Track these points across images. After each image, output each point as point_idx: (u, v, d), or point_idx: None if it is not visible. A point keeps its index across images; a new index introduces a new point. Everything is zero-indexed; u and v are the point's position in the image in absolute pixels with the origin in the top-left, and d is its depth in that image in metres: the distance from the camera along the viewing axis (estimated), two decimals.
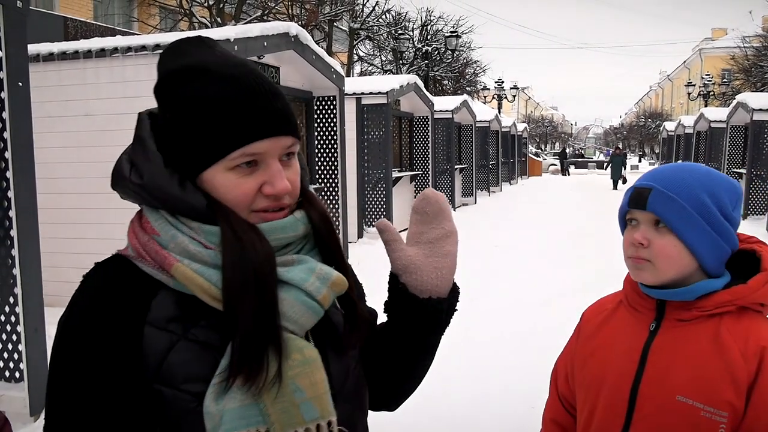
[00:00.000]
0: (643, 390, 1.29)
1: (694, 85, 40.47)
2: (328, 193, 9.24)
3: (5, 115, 3.79)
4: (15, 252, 3.85)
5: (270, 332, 0.89)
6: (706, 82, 37.42)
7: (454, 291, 1.09)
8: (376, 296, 1.17)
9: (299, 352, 0.91)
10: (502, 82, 35.57)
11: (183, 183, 0.93)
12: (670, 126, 31.57)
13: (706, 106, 33.53)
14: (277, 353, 0.89)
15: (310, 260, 0.97)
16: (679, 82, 63.99)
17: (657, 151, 52.70)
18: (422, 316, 1.06)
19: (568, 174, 40.44)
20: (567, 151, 46.37)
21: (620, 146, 20.61)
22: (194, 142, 0.93)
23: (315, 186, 9.06)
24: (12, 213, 3.82)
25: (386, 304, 1.10)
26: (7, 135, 3.79)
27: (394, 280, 1.08)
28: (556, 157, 44.90)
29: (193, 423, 0.88)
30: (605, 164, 22.19)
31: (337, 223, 9.23)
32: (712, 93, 37.13)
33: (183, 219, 0.93)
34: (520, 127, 32.19)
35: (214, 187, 0.94)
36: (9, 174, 3.79)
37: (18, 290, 3.86)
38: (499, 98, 35.08)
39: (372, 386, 1.13)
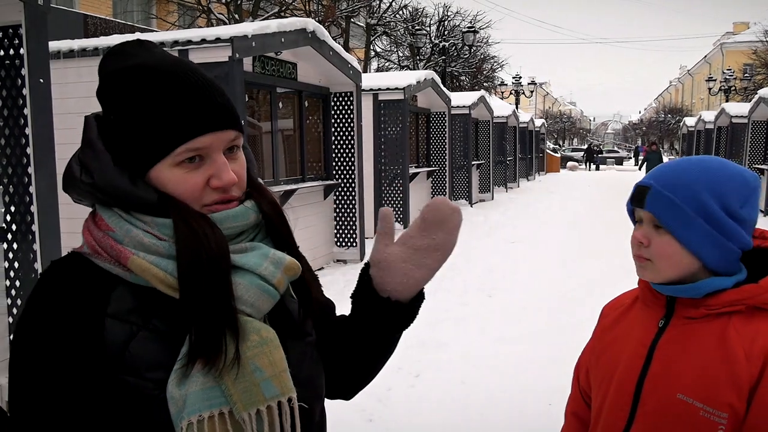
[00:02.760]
0: (647, 386, 1.28)
1: (715, 80, 39.95)
2: (345, 189, 9.26)
3: (27, 111, 3.84)
4: (36, 247, 3.91)
5: (226, 316, 0.92)
6: (728, 77, 36.91)
7: (417, 300, 1.11)
8: None
9: (256, 333, 0.94)
10: (520, 77, 35.41)
11: (134, 180, 0.96)
12: (690, 121, 31.18)
13: (727, 101, 33.06)
14: (234, 335, 0.92)
15: (263, 246, 1.00)
16: (699, 77, 63.25)
17: (676, 147, 52.14)
18: (377, 311, 1.09)
19: (598, 169, 41.14)
20: (593, 147, 47.01)
21: (656, 142, 19.14)
22: (139, 141, 0.95)
23: (332, 182, 9.09)
24: (34, 208, 3.87)
25: (353, 291, 1.14)
26: (28, 131, 3.84)
27: (366, 270, 1.12)
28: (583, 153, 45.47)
29: (157, 410, 0.90)
30: (640, 163, 20.38)
31: (353, 218, 9.25)
32: (733, 88, 36.63)
33: (136, 214, 0.96)
34: (538, 122, 32.01)
35: (163, 184, 0.96)
36: (31, 170, 3.85)
37: None
38: (517, 94, 34.92)
39: (329, 374, 1.15)
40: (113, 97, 0.98)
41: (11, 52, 3.87)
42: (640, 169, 17.10)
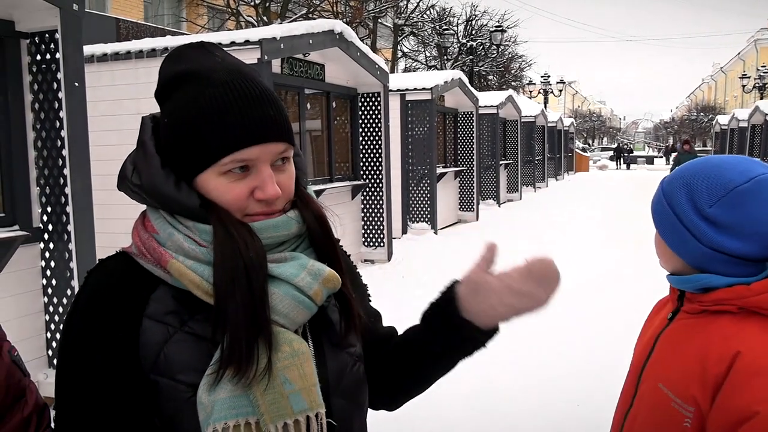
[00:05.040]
0: (644, 375, 1.35)
1: (749, 77, 39.18)
2: (373, 190, 9.29)
3: (63, 114, 3.93)
4: (72, 246, 4.00)
5: (260, 325, 0.91)
6: (762, 73, 36.16)
7: (490, 333, 1.11)
8: (418, 290, 1.17)
9: (288, 344, 0.93)
10: (548, 76, 35.07)
11: (179, 184, 0.96)
12: (723, 120, 30.64)
13: (761, 98, 32.38)
14: (267, 346, 0.91)
15: (303, 257, 0.99)
16: (733, 74, 62.03)
17: (709, 146, 51.21)
18: (452, 328, 1.09)
19: (628, 168, 41.95)
20: (623, 146, 47.56)
21: (690, 141, 17.36)
22: (187, 148, 0.95)
23: (359, 182, 9.13)
24: (69, 208, 3.97)
25: (434, 302, 1.13)
26: (64, 133, 3.93)
27: (454, 284, 1.11)
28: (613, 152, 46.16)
29: (188, 413, 0.91)
30: (672, 165, 18.67)
31: (381, 219, 9.27)
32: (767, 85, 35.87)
33: (180, 218, 0.97)
34: (567, 122, 31.74)
35: (207, 191, 0.96)
36: (66, 171, 3.94)
37: (75, 283, 4.01)
38: (545, 93, 34.60)
39: (377, 384, 1.15)
40: (166, 100, 0.99)
41: (48, 56, 3.97)
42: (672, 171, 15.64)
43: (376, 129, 9.14)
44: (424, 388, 1.21)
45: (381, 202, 9.26)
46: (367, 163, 9.25)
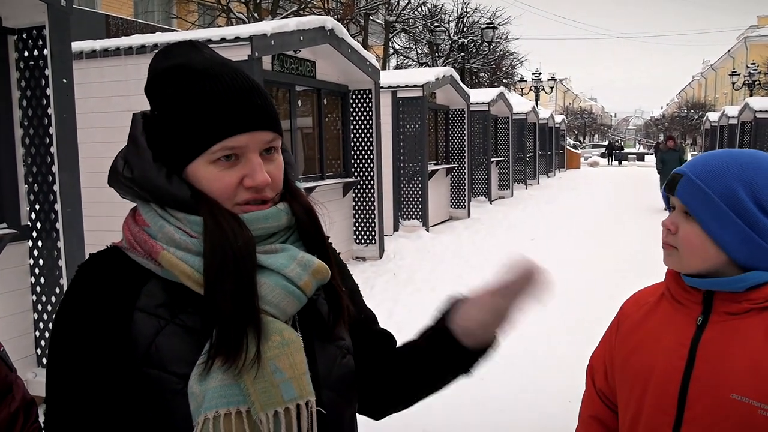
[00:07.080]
0: (694, 388, 1.22)
1: (739, 75, 39.43)
2: (364, 187, 9.27)
3: (51, 111, 3.90)
4: (60, 244, 3.97)
5: (248, 314, 0.92)
6: (752, 71, 36.37)
7: (476, 354, 1.19)
8: (410, 287, 1.16)
9: (279, 334, 0.94)
10: (540, 73, 35.17)
11: (170, 176, 0.98)
12: (713, 117, 30.78)
13: (751, 95, 32.59)
14: (256, 335, 0.92)
15: (293, 249, 1.00)
16: (723, 71, 62.39)
17: (699, 143, 51.51)
18: (440, 341, 1.14)
19: (619, 164, 42.91)
20: (615, 144, 48.48)
21: (674, 137, 16.61)
22: (178, 137, 0.97)
23: (351, 179, 9.12)
24: (58, 206, 3.94)
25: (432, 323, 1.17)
26: (52, 130, 3.90)
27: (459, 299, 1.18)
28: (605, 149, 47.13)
29: (179, 404, 0.92)
30: (656, 164, 18.08)
31: (372, 216, 9.26)
32: (757, 82, 36.11)
33: (171, 211, 0.98)
34: (558, 119, 31.80)
35: (198, 180, 0.98)
36: (55, 168, 3.91)
37: (63, 281, 3.98)
38: (537, 90, 34.69)
39: (371, 390, 1.17)
40: (157, 94, 1.01)
41: (35, 53, 3.94)
42: (659, 173, 14.95)
43: (368, 126, 9.12)
44: (410, 404, 1.25)
45: (372, 199, 9.25)
46: (358, 161, 9.23)
